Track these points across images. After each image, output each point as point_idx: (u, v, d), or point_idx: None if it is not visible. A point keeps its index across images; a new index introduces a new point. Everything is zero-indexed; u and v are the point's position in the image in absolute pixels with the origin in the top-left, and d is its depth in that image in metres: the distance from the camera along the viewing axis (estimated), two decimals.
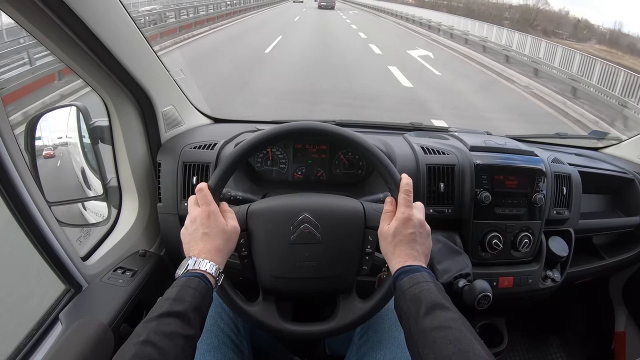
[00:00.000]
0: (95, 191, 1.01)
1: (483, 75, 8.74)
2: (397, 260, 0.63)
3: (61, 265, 0.79)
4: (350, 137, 0.71)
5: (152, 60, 0.96)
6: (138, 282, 0.89)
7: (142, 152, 1.01)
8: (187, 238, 0.65)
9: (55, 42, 0.72)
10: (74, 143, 0.98)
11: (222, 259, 0.64)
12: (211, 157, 0.98)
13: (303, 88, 6.23)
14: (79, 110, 0.94)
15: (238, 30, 13.01)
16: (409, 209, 0.66)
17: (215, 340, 0.79)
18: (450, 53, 11.48)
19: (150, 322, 0.53)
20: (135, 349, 0.49)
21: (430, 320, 0.54)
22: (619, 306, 1.41)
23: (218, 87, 5.71)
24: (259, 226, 0.71)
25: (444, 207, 1.00)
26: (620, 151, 1.41)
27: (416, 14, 18.71)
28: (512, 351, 1.48)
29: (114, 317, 0.79)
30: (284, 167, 1.09)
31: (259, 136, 0.71)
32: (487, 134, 1.24)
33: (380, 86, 6.65)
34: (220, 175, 0.69)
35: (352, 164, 1.09)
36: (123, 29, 0.83)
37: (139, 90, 0.92)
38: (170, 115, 1.06)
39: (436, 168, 1.00)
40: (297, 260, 0.70)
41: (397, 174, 0.69)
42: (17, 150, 0.68)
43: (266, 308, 0.71)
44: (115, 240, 0.95)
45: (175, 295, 0.56)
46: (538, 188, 1.01)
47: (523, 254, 1.03)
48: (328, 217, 0.71)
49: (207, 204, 0.65)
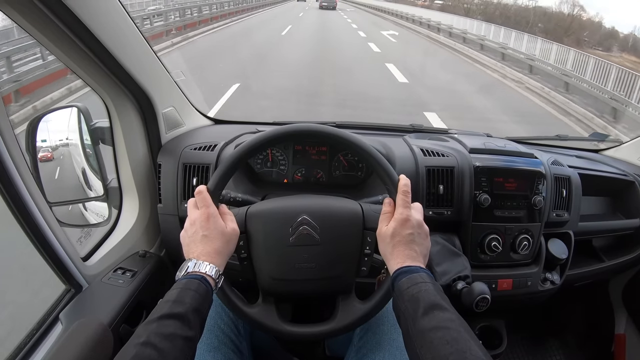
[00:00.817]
0: (95, 192, 1.01)
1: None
2: (396, 261, 0.63)
3: (62, 266, 0.79)
4: (349, 139, 0.72)
5: (153, 61, 0.97)
6: (138, 282, 0.89)
7: (142, 153, 1.01)
8: (187, 240, 0.66)
9: (55, 43, 0.72)
10: (74, 144, 0.99)
11: (222, 261, 0.64)
12: (211, 159, 0.98)
13: (307, 51, 10.11)
14: (79, 111, 0.94)
15: (258, 20, 17.92)
16: (407, 209, 0.66)
17: (215, 340, 0.79)
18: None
19: (151, 323, 0.53)
20: (135, 350, 0.50)
21: (428, 320, 0.54)
22: (618, 308, 1.41)
23: (253, 53, 9.04)
24: (258, 228, 0.71)
25: (443, 210, 1.00)
26: (620, 153, 1.41)
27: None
28: (511, 354, 1.48)
29: (113, 318, 0.79)
30: (283, 168, 1.09)
31: (259, 138, 0.71)
32: (487, 136, 1.24)
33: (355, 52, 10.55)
34: (220, 178, 0.69)
35: (352, 166, 1.09)
36: (124, 30, 0.83)
37: (139, 91, 0.93)
38: (170, 117, 1.07)
39: (435, 170, 1.00)
40: (296, 261, 0.70)
41: (395, 175, 0.70)
42: (18, 151, 0.69)
43: (266, 310, 0.72)
44: (115, 241, 0.96)
45: (176, 298, 0.56)
46: (537, 190, 1.01)
47: (522, 256, 1.03)
48: (327, 218, 0.71)
49: (206, 207, 0.66)
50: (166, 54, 8.29)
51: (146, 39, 0.92)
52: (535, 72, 8.52)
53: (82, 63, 0.79)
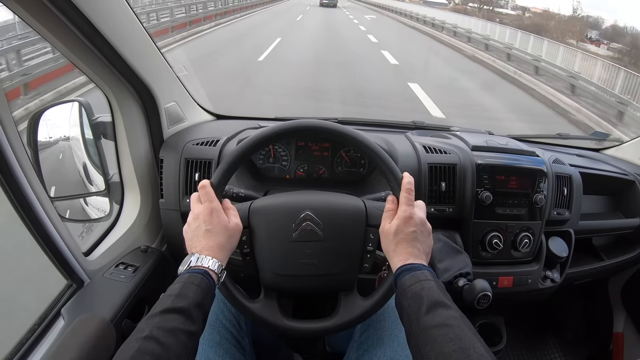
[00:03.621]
0: (97, 187, 1.01)
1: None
2: (399, 259, 0.64)
3: (63, 261, 0.79)
4: (353, 135, 0.72)
5: (155, 56, 0.96)
6: (140, 277, 0.89)
7: (144, 148, 1.01)
8: (190, 235, 0.66)
9: (58, 37, 0.72)
10: (76, 138, 0.98)
11: (225, 255, 0.64)
12: (213, 154, 0.98)
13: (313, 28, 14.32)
14: (81, 105, 0.94)
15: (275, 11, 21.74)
16: (411, 207, 0.66)
17: (217, 336, 0.79)
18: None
19: (153, 317, 0.53)
20: (138, 344, 0.50)
21: (432, 318, 0.55)
22: (617, 307, 1.42)
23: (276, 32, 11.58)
24: (261, 223, 0.71)
25: (445, 207, 1.00)
26: (621, 152, 1.41)
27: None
28: (510, 351, 1.48)
29: (115, 313, 0.79)
30: (286, 164, 1.09)
31: (261, 134, 0.71)
32: (489, 133, 1.24)
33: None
34: (223, 173, 0.69)
35: (354, 162, 1.09)
36: (126, 25, 0.83)
37: (141, 86, 0.92)
38: (172, 112, 1.06)
39: (438, 167, 1.00)
40: (299, 257, 0.70)
41: (399, 172, 0.70)
42: (20, 145, 0.68)
43: (268, 305, 0.72)
44: (117, 236, 0.96)
45: (178, 292, 0.56)
46: (539, 188, 1.01)
47: (523, 254, 1.04)
48: (330, 215, 0.71)
49: (209, 201, 0.66)
50: (182, 44, 9.13)
51: (149, 34, 0.91)
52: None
53: (85, 58, 0.78)
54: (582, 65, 7.67)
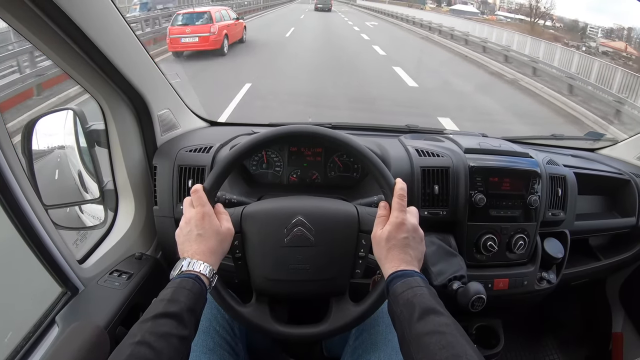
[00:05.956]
0: (91, 194, 1.01)
1: None
2: (390, 265, 0.64)
3: (58, 268, 0.79)
4: (345, 141, 0.72)
5: (148, 64, 0.97)
6: (134, 284, 0.89)
7: (138, 155, 1.01)
8: (182, 239, 0.66)
9: (49, 46, 0.72)
10: (70, 147, 0.99)
11: (216, 260, 0.65)
12: (207, 161, 0.99)
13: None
14: (75, 114, 0.94)
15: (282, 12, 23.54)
16: (403, 213, 0.66)
17: (211, 342, 0.79)
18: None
19: (145, 322, 0.54)
20: (130, 349, 0.50)
21: (424, 324, 0.55)
22: (616, 307, 1.41)
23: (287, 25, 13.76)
24: (253, 228, 0.71)
25: (439, 210, 1.00)
26: (616, 152, 1.41)
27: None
28: (508, 353, 1.48)
29: (110, 320, 0.79)
30: (279, 170, 1.09)
31: (254, 139, 0.71)
32: (482, 136, 1.24)
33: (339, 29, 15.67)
34: (216, 178, 0.69)
35: (347, 167, 1.10)
36: (118, 33, 0.83)
37: (134, 94, 0.93)
38: (166, 119, 1.07)
39: (431, 170, 1.00)
40: (290, 262, 0.70)
41: (391, 178, 0.70)
42: (13, 154, 0.69)
43: (259, 310, 0.72)
44: (111, 243, 0.96)
45: (170, 297, 0.57)
46: (533, 190, 1.01)
47: (518, 255, 1.03)
48: (322, 220, 0.72)
49: (201, 206, 0.66)
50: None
51: (141, 41, 0.92)
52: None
53: (77, 65, 0.79)
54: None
